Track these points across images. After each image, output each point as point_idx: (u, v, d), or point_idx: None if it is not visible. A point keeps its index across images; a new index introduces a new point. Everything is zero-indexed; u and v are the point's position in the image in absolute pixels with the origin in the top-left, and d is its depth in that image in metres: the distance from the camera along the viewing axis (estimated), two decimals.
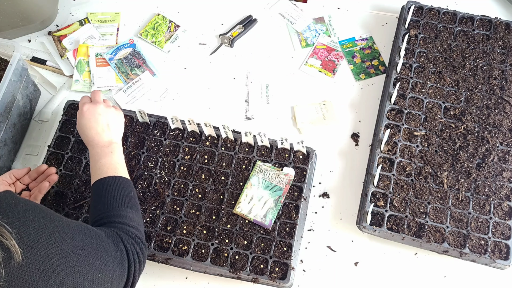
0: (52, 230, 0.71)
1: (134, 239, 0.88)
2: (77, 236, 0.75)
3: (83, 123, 1.04)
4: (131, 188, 0.98)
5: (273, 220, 1.09)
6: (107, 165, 0.98)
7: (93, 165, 1.00)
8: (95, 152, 1.01)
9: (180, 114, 1.19)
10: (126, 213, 0.92)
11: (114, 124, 1.06)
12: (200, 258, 1.07)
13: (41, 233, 0.69)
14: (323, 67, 1.33)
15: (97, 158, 1.00)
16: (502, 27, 1.28)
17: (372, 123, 1.25)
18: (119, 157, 1.02)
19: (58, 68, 1.35)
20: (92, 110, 1.05)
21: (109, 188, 0.95)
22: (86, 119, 1.04)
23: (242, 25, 1.39)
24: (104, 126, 1.04)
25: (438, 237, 1.07)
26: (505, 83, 1.21)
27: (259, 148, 1.17)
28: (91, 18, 1.41)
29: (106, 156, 1.00)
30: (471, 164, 1.13)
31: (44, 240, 0.69)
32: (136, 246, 0.87)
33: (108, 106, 1.08)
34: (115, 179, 0.97)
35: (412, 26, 1.29)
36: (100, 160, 0.99)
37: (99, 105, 1.06)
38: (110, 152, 1.01)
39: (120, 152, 1.03)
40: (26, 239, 0.67)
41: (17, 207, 0.70)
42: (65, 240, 0.72)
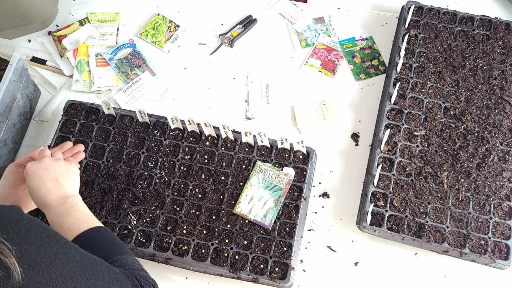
0: (57, 251, 0.67)
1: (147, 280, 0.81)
2: (86, 261, 0.71)
3: (30, 183, 0.91)
4: (112, 234, 0.89)
5: (273, 220, 1.09)
6: (74, 222, 0.86)
7: (59, 228, 0.86)
8: (55, 213, 0.88)
9: (180, 114, 1.19)
10: (126, 260, 0.84)
11: (65, 177, 0.94)
12: (200, 258, 1.07)
13: (44, 252, 0.65)
14: (323, 67, 1.33)
15: (59, 220, 0.87)
16: (502, 27, 1.28)
17: (372, 123, 1.25)
18: (83, 209, 0.91)
19: (58, 68, 1.35)
20: (36, 167, 0.92)
21: (93, 242, 0.84)
22: (31, 178, 0.91)
23: (242, 25, 1.39)
24: (54, 182, 0.91)
25: (438, 237, 1.07)
26: (505, 83, 1.21)
27: (259, 148, 1.17)
28: (91, 18, 1.41)
29: (69, 214, 0.87)
30: (471, 164, 1.13)
31: (48, 260, 0.65)
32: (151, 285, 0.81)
33: (56, 159, 0.96)
34: (93, 232, 0.86)
35: (412, 26, 1.29)
36: (65, 220, 0.86)
37: (44, 159, 0.94)
38: (71, 207, 0.89)
39: (81, 203, 0.92)
40: (27, 258, 0.63)
41: (19, 224, 0.66)
42: (72, 262, 0.68)
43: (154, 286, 0.82)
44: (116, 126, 1.20)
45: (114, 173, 1.15)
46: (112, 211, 1.11)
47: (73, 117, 1.22)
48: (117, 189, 1.13)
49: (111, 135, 1.19)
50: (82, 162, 1.16)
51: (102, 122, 1.21)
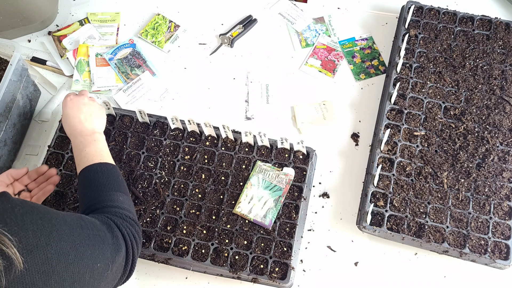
0: (50, 230, 0.70)
1: (128, 222, 0.88)
2: (75, 231, 0.75)
3: (66, 112, 1.05)
4: (118, 173, 0.98)
5: (273, 220, 1.09)
6: (91, 153, 0.98)
7: (77, 154, 0.99)
8: (78, 141, 1.01)
9: (180, 114, 1.19)
10: (117, 197, 0.92)
11: (97, 115, 1.07)
12: (200, 258, 1.07)
13: (40, 235, 0.68)
14: (323, 67, 1.33)
15: (81, 147, 0.99)
16: (502, 27, 1.28)
17: (372, 123, 1.25)
18: (103, 145, 1.02)
19: (58, 68, 1.35)
20: (76, 100, 1.06)
21: (97, 175, 0.95)
22: (69, 108, 1.05)
23: (242, 25, 1.39)
24: (87, 116, 1.04)
25: (438, 237, 1.07)
26: (505, 83, 1.21)
27: (259, 148, 1.17)
28: (91, 18, 1.41)
29: (90, 145, 0.99)
30: (471, 164, 1.13)
31: (43, 242, 0.68)
32: (131, 228, 0.88)
33: (92, 99, 1.09)
34: (101, 166, 0.96)
35: (412, 26, 1.29)
36: (84, 148, 0.99)
37: (83, 96, 1.08)
38: (94, 140, 1.01)
39: (103, 141, 1.03)
40: (25, 243, 0.66)
41: (14, 211, 0.69)
42: (63, 237, 0.71)
43: (134, 227, 0.88)
44: (116, 126, 1.20)
45: None
46: None
47: None
48: None
49: (111, 135, 1.19)
50: None
51: None
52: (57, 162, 1.17)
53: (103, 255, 0.78)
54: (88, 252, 0.74)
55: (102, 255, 0.77)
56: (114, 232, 0.83)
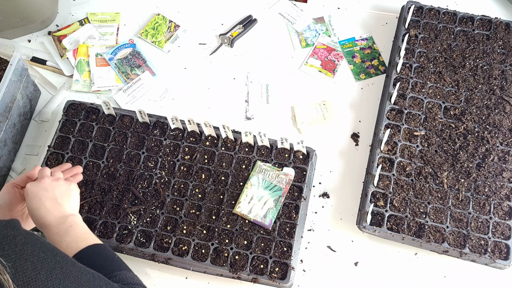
0: (53, 266, 0.66)
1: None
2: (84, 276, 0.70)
3: (29, 204, 0.91)
4: (111, 251, 0.89)
5: (273, 220, 1.09)
6: (73, 240, 0.86)
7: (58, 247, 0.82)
8: (54, 233, 0.88)
9: (180, 114, 1.19)
10: (124, 276, 0.84)
11: (65, 197, 0.94)
12: (200, 258, 1.07)
13: (40, 268, 0.64)
14: (323, 67, 1.33)
15: (58, 239, 0.87)
16: (502, 27, 1.28)
17: (372, 123, 1.25)
18: (82, 227, 0.90)
19: (58, 68, 1.35)
20: (35, 187, 0.92)
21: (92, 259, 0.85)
22: (30, 198, 0.91)
23: (242, 25, 1.39)
24: (53, 202, 0.91)
25: (438, 237, 1.07)
26: (505, 83, 1.21)
27: (259, 148, 1.17)
28: (91, 18, 1.41)
29: (68, 233, 0.87)
30: (471, 164, 1.13)
31: (43, 276, 0.64)
32: None
33: (55, 179, 0.95)
34: (92, 249, 0.86)
35: (412, 26, 1.29)
36: (63, 238, 0.87)
37: (44, 180, 0.94)
38: (70, 226, 0.88)
39: (80, 222, 0.91)
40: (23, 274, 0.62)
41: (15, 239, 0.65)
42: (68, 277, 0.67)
43: None
44: (116, 126, 1.20)
45: (114, 173, 1.15)
46: (112, 211, 1.11)
47: (73, 117, 1.22)
48: (117, 189, 1.13)
49: (111, 135, 1.19)
50: (82, 162, 1.16)
51: (102, 122, 1.21)
52: (57, 162, 1.17)
53: None
54: None
55: None
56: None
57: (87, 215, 1.11)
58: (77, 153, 1.18)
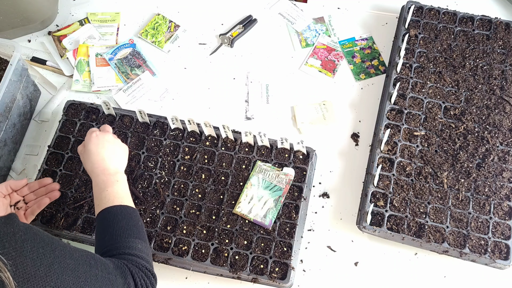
0: (52, 261, 0.68)
1: (144, 272, 0.84)
2: (80, 267, 0.72)
3: (90, 148, 1.01)
4: (138, 218, 0.94)
5: (273, 220, 1.09)
6: (113, 194, 0.94)
7: (98, 193, 0.95)
8: (100, 180, 0.97)
9: (180, 114, 1.19)
10: (136, 244, 0.88)
11: (121, 154, 1.04)
12: (200, 258, 1.07)
13: (40, 264, 0.66)
14: (323, 67, 1.33)
15: (102, 186, 0.96)
16: (502, 27, 1.28)
17: (372, 123, 1.25)
18: (125, 187, 0.98)
19: (58, 68, 1.35)
20: (101, 137, 1.03)
21: (116, 219, 0.91)
22: (93, 144, 1.01)
23: (242, 25, 1.39)
24: (111, 154, 1.01)
25: (438, 237, 1.07)
26: (505, 83, 1.21)
27: (259, 148, 1.17)
28: (91, 18, 1.41)
29: (112, 185, 0.96)
30: (471, 164, 1.13)
31: (42, 272, 0.65)
32: (146, 280, 0.84)
33: (115, 137, 1.07)
34: (122, 209, 0.93)
35: (412, 26, 1.29)
36: (106, 189, 0.95)
37: (108, 134, 1.05)
38: (116, 181, 0.97)
39: (125, 182, 0.99)
40: (23, 271, 0.63)
41: (15, 236, 0.66)
42: (66, 271, 0.69)
43: (150, 279, 0.85)
44: (116, 126, 1.20)
45: None
46: None
47: (73, 117, 1.22)
48: None
49: None
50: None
51: (102, 122, 1.21)
52: (57, 162, 1.17)
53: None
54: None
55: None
56: (127, 280, 0.80)
57: (87, 215, 1.11)
58: (77, 153, 1.18)
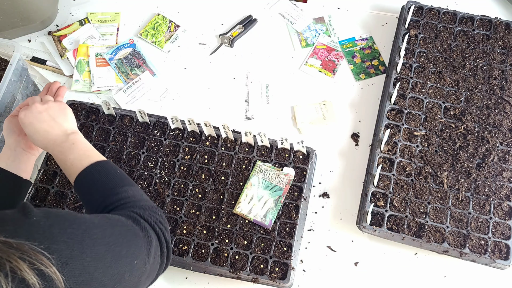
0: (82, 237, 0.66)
1: (150, 210, 0.82)
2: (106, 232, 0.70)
3: (28, 131, 0.94)
4: (115, 167, 0.90)
5: (273, 220, 1.09)
6: (77, 158, 0.89)
7: (63, 165, 0.90)
8: (57, 151, 0.91)
9: (180, 114, 1.19)
10: (127, 192, 0.85)
11: (61, 115, 0.96)
12: (200, 258, 1.07)
13: (73, 244, 0.64)
14: (323, 67, 1.33)
15: (62, 157, 0.90)
16: (502, 27, 1.28)
17: (372, 123, 1.25)
18: (85, 145, 0.92)
19: (58, 68, 1.35)
20: (29, 113, 0.94)
21: (94, 177, 0.87)
22: (27, 125, 0.94)
23: (242, 25, 1.39)
24: (51, 122, 0.94)
25: (438, 237, 1.07)
26: (505, 83, 1.21)
27: (259, 148, 1.17)
28: (91, 18, 1.41)
29: (71, 151, 0.90)
30: (471, 164, 1.13)
31: (77, 251, 0.64)
32: (155, 215, 0.82)
33: (45, 102, 0.98)
34: (95, 166, 0.88)
35: (412, 26, 1.29)
36: (68, 156, 0.89)
37: (34, 105, 0.96)
38: (72, 144, 0.91)
39: (82, 139, 0.93)
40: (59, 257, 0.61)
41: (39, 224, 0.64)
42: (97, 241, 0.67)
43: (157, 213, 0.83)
44: (116, 126, 1.20)
45: None
46: None
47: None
48: None
49: (111, 135, 1.19)
50: None
51: (102, 122, 1.21)
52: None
53: (139, 250, 0.74)
54: (124, 251, 0.70)
55: (138, 250, 0.73)
56: (142, 224, 0.78)
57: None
58: None
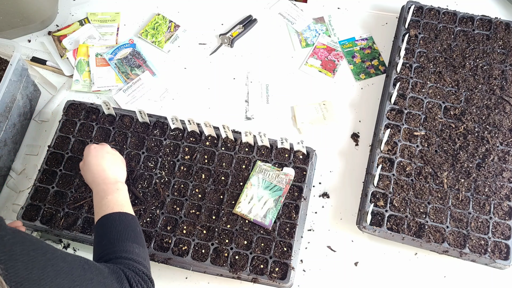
0: (45, 264, 0.66)
1: (140, 277, 0.82)
2: (75, 271, 0.70)
3: (89, 160, 1.03)
4: (137, 224, 0.94)
5: (273, 220, 1.09)
6: (113, 201, 0.95)
7: (98, 201, 0.96)
8: (101, 188, 0.98)
9: (180, 114, 1.19)
10: (133, 249, 0.87)
11: (120, 165, 1.06)
12: (200, 258, 1.07)
13: (32, 267, 0.64)
14: (323, 67, 1.33)
15: (102, 194, 0.97)
16: (502, 27, 1.28)
17: (372, 123, 1.25)
18: (125, 195, 0.99)
19: (58, 68, 1.35)
20: (100, 149, 1.05)
21: (114, 224, 0.91)
22: (92, 156, 1.03)
23: (242, 25, 1.39)
24: (111, 164, 1.03)
25: (438, 237, 1.07)
26: (505, 83, 1.21)
27: (259, 148, 1.17)
28: (91, 18, 1.41)
29: (112, 193, 0.97)
30: (471, 164, 1.13)
31: (35, 275, 0.64)
32: (143, 284, 0.82)
33: (114, 150, 1.09)
34: (121, 215, 0.93)
35: (412, 26, 1.29)
36: (106, 196, 0.96)
37: (106, 146, 1.07)
38: (117, 189, 0.98)
39: (125, 191, 1.00)
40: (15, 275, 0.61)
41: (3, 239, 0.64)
42: (60, 274, 0.67)
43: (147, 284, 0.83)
44: (116, 126, 1.20)
45: None
46: None
47: (73, 117, 1.22)
48: None
49: (111, 135, 1.19)
50: None
51: (102, 122, 1.21)
52: (57, 162, 1.17)
53: None
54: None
55: None
56: (123, 285, 0.78)
57: (87, 215, 1.11)
58: (77, 153, 1.18)
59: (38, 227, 1.11)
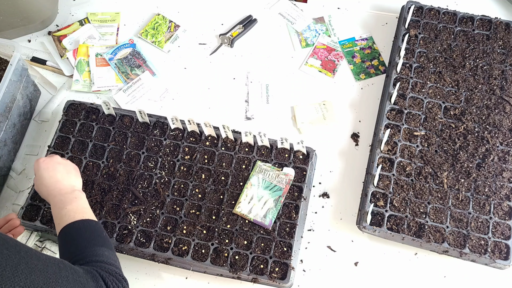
0: (18, 262, 0.66)
1: (114, 276, 0.82)
2: (49, 269, 0.70)
3: (40, 173, 1.00)
4: (101, 229, 0.93)
5: (273, 220, 1.09)
6: (73, 210, 0.92)
7: (58, 213, 0.93)
8: (58, 200, 0.95)
9: (180, 114, 1.19)
10: (102, 252, 0.86)
11: (74, 173, 1.04)
12: (200, 258, 1.07)
13: (5, 265, 0.64)
14: (323, 67, 1.33)
15: (61, 205, 0.94)
16: (502, 27, 1.28)
17: (372, 123, 1.25)
18: (84, 202, 0.97)
19: (58, 68, 1.35)
20: (49, 160, 1.02)
21: (80, 231, 0.90)
22: (43, 169, 1.00)
23: (242, 25, 1.39)
24: (64, 174, 1.01)
25: (438, 237, 1.07)
26: (505, 83, 1.21)
27: (259, 148, 1.17)
28: (91, 18, 1.41)
29: (71, 202, 0.94)
30: (471, 164, 1.13)
31: (9, 273, 0.64)
32: (118, 284, 0.81)
33: (65, 159, 1.06)
34: (84, 222, 0.91)
35: (412, 26, 1.29)
36: (65, 206, 0.93)
37: (56, 157, 1.04)
38: (75, 198, 0.96)
39: (84, 198, 0.98)
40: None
41: None
42: (35, 271, 0.67)
43: (122, 283, 0.83)
44: (116, 126, 1.20)
45: (114, 173, 1.15)
46: (112, 211, 1.11)
47: (73, 117, 1.22)
48: (117, 189, 1.13)
49: (111, 135, 1.19)
50: (82, 162, 1.16)
51: (102, 122, 1.21)
52: None
53: None
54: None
55: None
56: (99, 283, 0.78)
57: None
58: (77, 153, 1.18)
59: (38, 227, 1.11)
